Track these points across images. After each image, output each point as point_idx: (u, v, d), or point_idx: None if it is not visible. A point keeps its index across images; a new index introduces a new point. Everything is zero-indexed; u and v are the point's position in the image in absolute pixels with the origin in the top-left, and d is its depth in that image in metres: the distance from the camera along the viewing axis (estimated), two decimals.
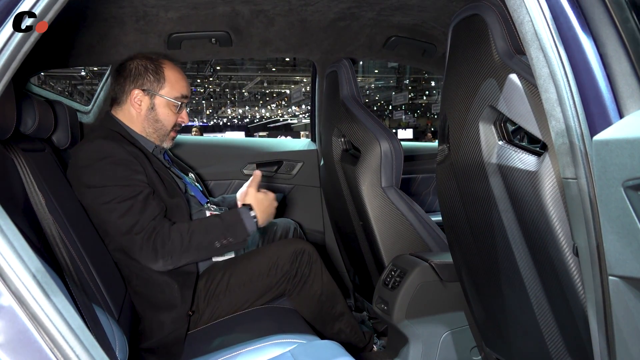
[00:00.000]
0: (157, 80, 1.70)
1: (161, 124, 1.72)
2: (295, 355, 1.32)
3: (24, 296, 0.73)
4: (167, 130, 1.74)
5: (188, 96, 1.76)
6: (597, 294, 0.88)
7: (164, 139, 1.75)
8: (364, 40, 2.33)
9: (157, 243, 1.52)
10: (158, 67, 1.72)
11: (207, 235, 1.57)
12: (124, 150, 1.58)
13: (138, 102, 1.71)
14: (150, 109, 1.71)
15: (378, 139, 1.87)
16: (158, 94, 1.70)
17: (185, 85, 1.75)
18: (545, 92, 0.92)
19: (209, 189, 2.47)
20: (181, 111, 1.76)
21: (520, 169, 1.10)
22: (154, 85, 1.71)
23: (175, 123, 1.75)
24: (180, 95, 1.73)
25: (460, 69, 1.29)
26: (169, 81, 1.71)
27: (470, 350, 1.81)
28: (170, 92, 1.71)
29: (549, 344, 1.22)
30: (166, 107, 1.72)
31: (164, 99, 1.71)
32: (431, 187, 3.14)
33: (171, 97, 1.71)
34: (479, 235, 1.34)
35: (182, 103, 1.75)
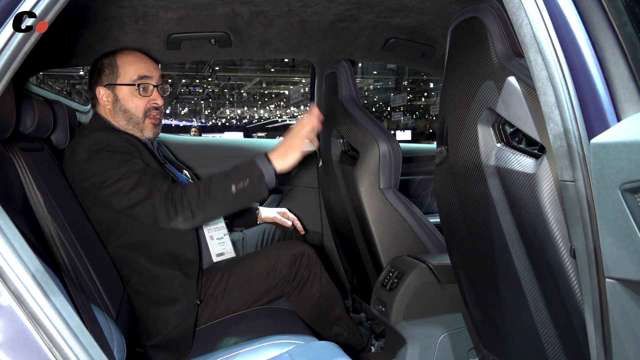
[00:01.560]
0: (112, 71, 1.71)
1: (130, 113, 1.70)
2: (293, 356, 1.33)
3: (23, 295, 0.73)
4: (139, 118, 1.70)
5: (149, 76, 1.71)
6: (594, 296, 0.89)
7: (141, 127, 1.71)
8: (363, 41, 2.33)
9: (175, 198, 1.50)
10: (112, 59, 1.73)
11: (224, 181, 1.53)
12: (121, 139, 1.58)
13: (104, 98, 1.72)
14: (115, 101, 1.71)
15: (377, 140, 1.87)
16: (116, 83, 1.70)
17: (142, 67, 1.71)
18: (543, 94, 0.93)
19: None
20: (149, 93, 1.71)
21: (519, 171, 1.11)
22: (110, 77, 1.71)
23: (147, 108, 1.71)
24: (137, 77, 1.69)
25: (459, 71, 1.30)
26: (122, 67, 1.71)
27: (468, 352, 1.81)
28: (125, 77, 1.70)
29: (547, 345, 1.22)
30: (129, 94, 1.70)
31: (123, 87, 1.69)
32: (429, 189, 3.14)
33: (128, 81, 1.69)
34: (477, 237, 1.35)
35: (146, 85, 1.70)
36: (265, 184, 1.54)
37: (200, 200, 1.51)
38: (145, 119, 1.71)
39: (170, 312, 1.56)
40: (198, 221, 1.53)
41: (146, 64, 1.73)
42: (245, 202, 1.57)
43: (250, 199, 1.56)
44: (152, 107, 1.72)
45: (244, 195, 1.53)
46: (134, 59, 1.73)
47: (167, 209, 1.49)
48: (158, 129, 1.75)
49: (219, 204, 1.52)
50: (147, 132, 1.72)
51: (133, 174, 1.51)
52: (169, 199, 1.50)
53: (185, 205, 1.50)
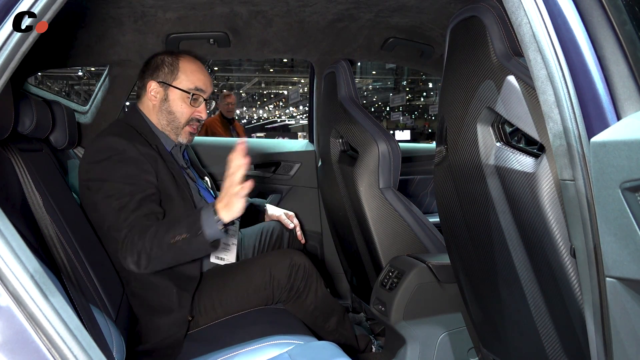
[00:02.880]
0: (171, 72, 1.71)
1: (174, 116, 1.70)
2: (293, 356, 1.32)
3: (22, 296, 0.73)
4: (180, 124, 1.71)
5: (204, 90, 1.73)
6: (594, 295, 0.88)
7: (178, 132, 1.72)
8: (362, 41, 2.33)
9: (134, 240, 1.43)
10: (174, 60, 1.73)
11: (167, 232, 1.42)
12: (135, 149, 1.56)
13: (153, 93, 1.72)
14: (163, 100, 1.71)
15: (376, 140, 1.87)
16: (171, 85, 1.70)
17: (201, 79, 1.72)
18: (543, 94, 0.93)
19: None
20: (197, 105, 1.73)
21: (518, 170, 1.11)
22: (167, 77, 1.71)
23: (191, 117, 1.72)
24: (193, 87, 1.70)
25: (458, 70, 1.30)
26: (183, 72, 1.71)
27: (468, 352, 1.81)
28: (183, 83, 1.70)
29: (546, 345, 1.22)
30: (179, 98, 1.70)
31: (177, 90, 1.70)
32: (429, 189, 3.14)
33: (184, 87, 1.70)
34: (477, 236, 1.35)
35: (198, 97, 1.72)
36: (204, 238, 1.41)
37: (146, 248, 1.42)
38: (186, 126, 1.72)
39: (164, 322, 1.55)
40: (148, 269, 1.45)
41: (205, 77, 1.74)
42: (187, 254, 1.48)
43: (192, 252, 1.46)
44: (195, 118, 1.73)
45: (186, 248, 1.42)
46: (196, 69, 1.73)
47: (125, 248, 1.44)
48: (193, 137, 1.77)
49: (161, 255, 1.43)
50: (183, 138, 1.73)
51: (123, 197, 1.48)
52: (127, 241, 1.43)
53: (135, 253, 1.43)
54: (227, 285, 1.66)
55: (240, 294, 1.66)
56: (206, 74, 1.76)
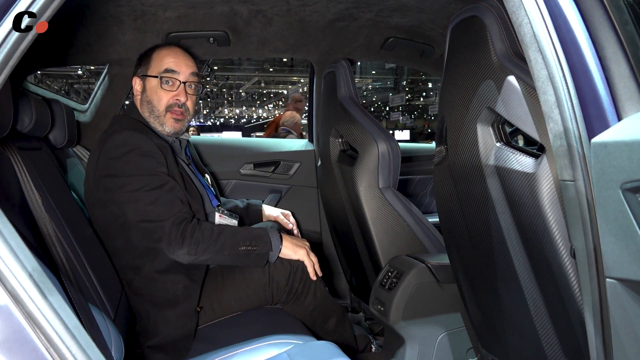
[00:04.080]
0: (146, 63, 1.72)
1: (152, 104, 1.69)
2: (292, 355, 1.32)
3: (20, 295, 0.72)
4: (160, 112, 1.68)
5: (175, 71, 1.68)
6: (594, 296, 0.88)
7: (162, 121, 1.69)
8: (362, 41, 2.33)
9: (187, 230, 1.49)
10: (151, 51, 1.73)
11: (235, 236, 1.56)
12: (151, 142, 1.57)
13: (137, 87, 1.73)
14: (142, 91, 1.71)
15: (376, 139, 1.87)
16: (146, 75, 1.70)
17: (171, 61, 1.69)
18: (543, 94, 0.93)
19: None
20: (174, 89, 1.69)
21: (518, 170, 1.10)
22: (143, 69, 1.72)
23: (170, 103, 1.68)
24: (162, 70, 1.68)
25: (458, 70, 1.29)
26: (154, 60, 1.70)
27: (467, 352, 1.81)
28: (154, 69, 1.69)
29: (545, 345, 1.22)
30: (154, 86, 1.69)
31: (150, 79, 1.69)
32: (428, 189, 3.14)
33: (155, 73, 1.68)
34: (476, 236, 1.34)
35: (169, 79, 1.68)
36: (267, 258, 1.61)
37: (211, 241, 1.52)
38: (167, 113, 1.69)
39: (171, 314, 1.55)
40: (198, 260, 1.53)
41: (176, 59, 1.71)
42: (243, 262, 1.60)
43: (249, 262, 1.60)
44: (174, 102, 1.69)
45: (246, 257, 1.57)
46: (166, 53, 1.72)
47: (176, 237, 1.48)
48: (180, 124, 1.72)
49: (222, 254, 1.54)
50: (168, 126, 1.70)
51: (154, 189, 1.50)
52: (180, 227, 1.49)
53: (195, 240, 1.50)
54: (226, 286, 1.66)
55: (239, 295, 1.66)
56: (180, 57, 1.72)
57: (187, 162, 1.78)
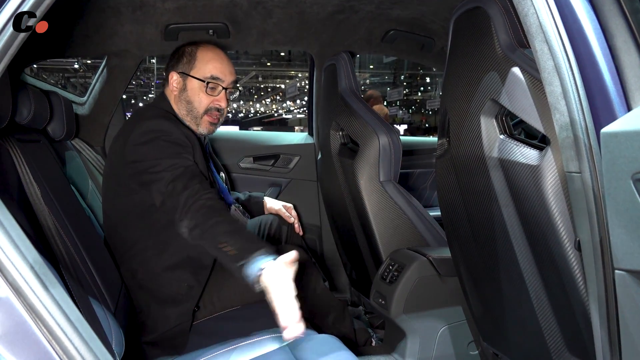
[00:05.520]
0: (189, 61, 1.70)
1: (192, 105, 1.69)
2: (293, 349, 1.32)
3: (22, 287, 0.72)
4: (199, 113, 1.69)
5: (221, 79, 1.70)
6: (599, 288, 0.88)
7: (198, 122, 1.70)
8: (362, 33, 2.31)
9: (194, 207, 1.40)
10: (194, 49, 1.72)
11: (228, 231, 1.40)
12: (180, 131, 1.57)
13: (174, 83, 1.71)
14: (182, 89, 1.70)
15: (377, 132, 1.86)
16: (189, 74, 1.69)
17: (217, 67, 1.70)
18: (549, 85, 0.92)
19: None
20: (216, 94, 1.70)
21: (522, 163, 1.10)
22: (186, 67, 1.70)
23: (210, 107, 1.69)
24: (209, 76, 1.68)
25: (461, 62, 1.28)
26: (200, 61, 1.70)
27: (467, 345, 1.81)
28: (199, 71, 1.69)
29: (548, 338, 1.22)
30: (197, 87, 1.68)
31: (194, 80, 1.68)
32: (428, 182, 3.14)
33: (199, 76, 1.68)
34: (479, 229, 1.34)
35: (215, 85, 1.69)
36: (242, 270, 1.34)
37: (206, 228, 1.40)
38: (205, 115, 1.70)
39: (172, 312, 1.55)
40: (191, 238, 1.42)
41: (222, 65, 1.71)
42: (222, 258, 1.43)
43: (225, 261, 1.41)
44: (214, 107, 1.70)
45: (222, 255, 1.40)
46: (213, 57, 1.71)
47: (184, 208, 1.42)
48: (214, 127, 1.74)
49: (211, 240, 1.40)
50: (203, 128, 1.71)
51: (179, 167, 1.48)
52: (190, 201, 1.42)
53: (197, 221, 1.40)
54: (225, 280, 1.65)
55: (239, 290, 1.66)
56: (225, 62, 1.73)
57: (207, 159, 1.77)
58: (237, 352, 1.35)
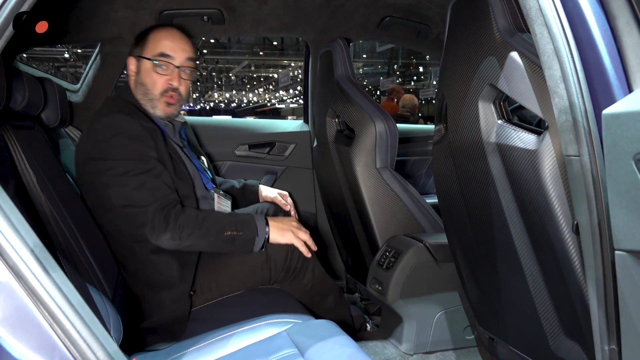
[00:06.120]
0: (142, 43, 1.68)
1: (146, 87, 1.65)
2: (291, 334, 1.32)
3: (22, 271, 0.71)
4: (154, 95, 1.65)
5: (170, 55, 1.65)
6: (597, 271, 0.89)
7: (154, 104, 1.66)
8: (358, 20, 2.30)
9: (170, 216, 1.48)
10: (148, 31, 1.69)
11: (219, 221, 1.55)
12: (139, 125, 1.55)
13: (131, 68, 1.70)
14: (137, 73, 1.68)
15: (373, 119, 1.85)
16: (141, 56, 1.67)
17: (167, 44, 1.65)
18: (549, 68, 0.92)
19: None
20: (168, 73, 1.65)
21: (520, 147, 1.10)
22: (138, 50, 1.68)
23: (165, 87, 1.65)
24: (157, 53, 1.64)
25: (459, 47, 1.28)
26: (149, 41, 1.67)
27: (464, 330, 1.82)
28: (149, 51, 1.66)
29: (544, 322, 1.23)
30: (148, 68, 1.65)
31: (145, 61, 1.66)
32: (424, 170, 3.15)
33: (148, 55, 1.65)
34: (476, 215, 1.34)
35: (163, 63, 1.65)
36: (254, 243, 1.58)
37: (194, 227, 1.50)
38: (161, 97, 1.66)
39: (167, 297, 1.55)
40: (182, 246, 1.51)
41: (173, 42, 1.67)
42: (229, 248, 1.58)
43: (234, 248, 1.58)
44: (169, 87, 1.66)
45: (231, 243, 1.55)
46: (164, 35, 1.68)
47: (159, 222, 1.47)
48: (172, 109, 1.69)
49: (207, 239, 1.53)
50: (159, 110, 1.67)
51: (139, 174, 1.48)
52: (163, 213, 1.48)
53: (178, 226, 1.49)
54: (224, 265, 1.66)
55: (236, 275, 1.66)
56: (176, 40, 1.68)
57: (181, 145, 1.75)
58: (236, 338, 1.36)
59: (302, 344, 1.25)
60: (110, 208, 1.54)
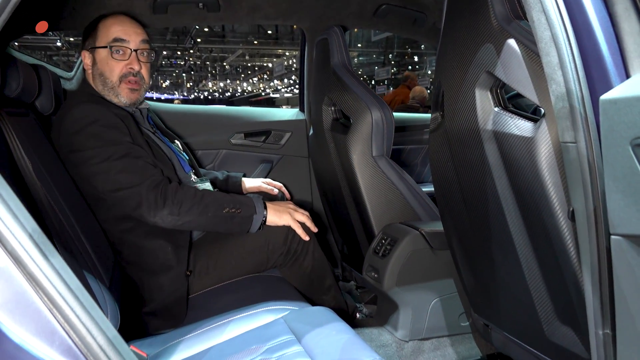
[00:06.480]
0: (93, 34, 1.67)
1: (104, 76, 1.65)
2: (288, 321, 1.33)
3: (21, 256, 0.71)
4: (114, 83, 1.64)
5: (124, 39, 1.64)
6: (592, 256, 0.89)
7: (117, 92, 1.65)
8: (354, 7, 2.29)
9: (168, 191, 1.49)
10: (96, 22, 1.68)
11: (218, 198, 1.55)
12: (111, 113, 1.54)
13: (86, 61, 1.69)
14: (93, 64, 1.67)
15: (369, 107, 1.85)
16: (94, 46, 1.66)
17: (118, 29, 1.65)
18: (546, 55, 0.92)
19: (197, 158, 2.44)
20: (126, 57, 1.65)
21: (516, 135, 1.10)
22: (90, 41, 1.68)
23: (123, 72, 1.65)
24: (111, 40, 1.64)
25: (456, 35, 1.28)
26: (100, 31, 1.66)
27: (459, 317, 1.84)
28: (102, 39, 1.65)
29: (539, 308, 1.24)
30: (104, 56, 1.64)
31: (99, 50, 1.65)
32: (419, 158, 3.15)
33: (103, 44, 1.64)
34: (472, 202, 1.35)
35: (119, 48, 1.64)
36: (252, 222, 1.59)
37: (192, 203, 1.50)
38: (121, 83, 1.65)
39: (165, 280, 1.55)
40: (180, 222, 1.50)
41: (124, 27, 1.66)
42: (227, 225, 1.57)
43: (232, 226, 1.58)
44: (128, 72, 1.65)
45: (230, 220, 1.56)
46: (113, 22, 1.67)
47: (156, 198, 1.46)
48: (137, 94, 1.68)
49: (205, 215, 1.52)
50: (123, 97, 1.66)
51: (122, 157, 1.48)
52: (159, 189, 1.48)
53: (177, 201, 1.48)
54: (222, 248, 1.66)
55: (234, 258, 1.67)
56: (127, 24, 1.68)
57: (152, 131, 1.75)
58: (233, 325, 1.37)
59: (299, 330, 1.26)
60: (96, 201, 1.54)
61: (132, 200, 1.47)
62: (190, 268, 1.62)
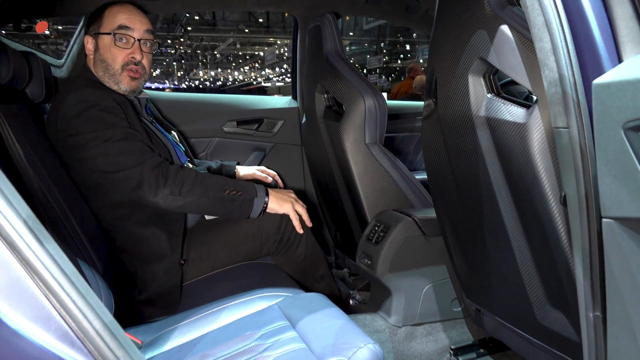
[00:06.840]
0: (98, 21, 1.67)
1: (106, 63, 1.64)
2: (282, 307, 1.34)
3: (16, 242, 0.71)
4: (115, 70, 1.64)
5: (129, 27, 1.64)
6: (583, 240, 0.91)
7: (117, 80, 1.65)
8: None
9: (169, 170, 1.48)
10: (102, 9, 1.68)
11: (219, 180, 1.55)
12: (110, 98, 1.54)
13: (89, 47, 1.68)
14: (96, 50, 1.67)
15: (362, 95, 1.85)
16: (98, 32, 1.65)
17: (124, 17, 1.64)
18: (539, 41, 0.92)
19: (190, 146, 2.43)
20: (129, 46, 1.65)
21: (509, 121, 1.11)
22: (95, 27, 1.67)
23: (126, 61, 1.65)
24: (116, 27, 1.63)
25: (450, 21, 1.28)
26: (106, 17, 1.65)
27: (451, 302, 1.86)
28: (107, 26, 1.64)
29: (530, 293, 1.26)
30: (108, 43, 1.64)
31: (103, 36, 1.64)
32: (411, 146, 3.16)
33: (108, 30, 1.64)
34: (464, 188, 1.36)
35: (123, 36, 1.64)
36: (253, 206, 1.58)
37: (194, 183, 1.50)
38: (123, 71, 1.65)
39: (159, 268, 1.56)
40: (181, 202, 1.49)
41: (130, 15, 1.65)
42: (227, 208, 1.56)
43: (233, 208, 1.56)
44: (130, 60, 1.65)
45: (230, 203, 1.54)
46: (119, 9, 1.66)
47: (157, 177, 1.46)
48: (137, 83, 1.68)
49: (207, 197, 1.51)
50: (124, 85, 1.66)
51: (120, 140, 1.47)
52: (160, 169, 1.47)
53: (178, 181, 1.48)
54: (215, 236, 1.66)
55: (228, 246, 1.67)
56: (133, 13, 1.67)
57: (149, 120, 1.75)
58: (227, 311, 1.37)
59: (293, 316, 1.27)
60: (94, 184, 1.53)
61: (132, 180, 1.46)
62: (184, 256, 1.62)
